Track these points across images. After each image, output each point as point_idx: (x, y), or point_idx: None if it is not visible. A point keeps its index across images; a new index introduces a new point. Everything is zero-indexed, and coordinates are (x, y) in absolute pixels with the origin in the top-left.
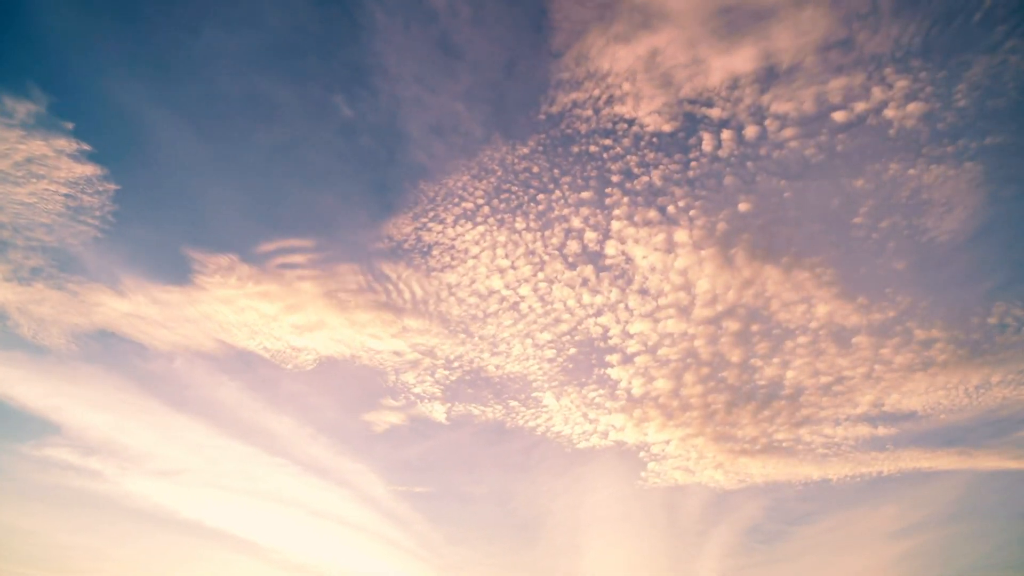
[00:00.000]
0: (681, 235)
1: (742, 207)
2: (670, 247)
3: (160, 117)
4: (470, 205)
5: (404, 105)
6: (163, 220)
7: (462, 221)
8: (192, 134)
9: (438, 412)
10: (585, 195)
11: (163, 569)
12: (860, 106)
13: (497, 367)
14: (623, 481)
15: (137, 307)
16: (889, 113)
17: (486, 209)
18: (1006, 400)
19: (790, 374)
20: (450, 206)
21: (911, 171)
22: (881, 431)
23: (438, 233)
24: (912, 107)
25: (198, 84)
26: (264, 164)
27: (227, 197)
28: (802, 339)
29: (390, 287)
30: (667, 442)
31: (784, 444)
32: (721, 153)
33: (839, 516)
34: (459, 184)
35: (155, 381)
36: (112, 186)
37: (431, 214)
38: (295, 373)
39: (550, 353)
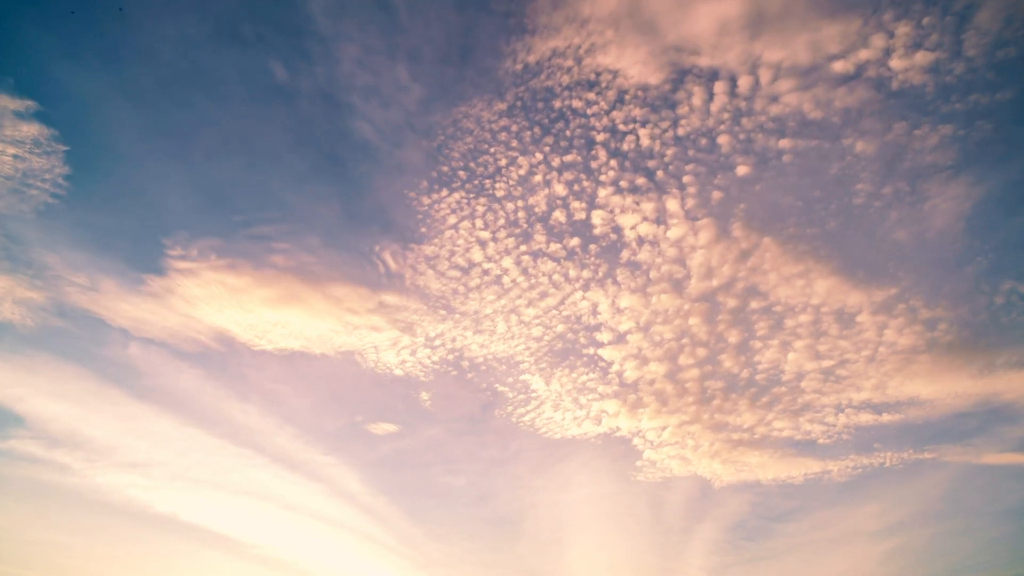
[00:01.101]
0: (673, 204)
1: (740, 171)
2: (661, 217)
3: (102, 83)
4: (446, 168)
5: (361, 64)
6: (118, 183)
7: (437, 187)
8: (136, 104)
9: (421, 397)
10: (568, 158)
11: (141, 565)
12: (860, 55)
13: (481, 346)
14: (614, 474)
15: (94, 280)
16: (893, 64)
17: (463, 173)
18: (1010, 384)
19: (791, 356)
20: (424, 169)
21: (916, 132)
22: (885, 418)
23: (412, 200)
24: (919, 57)
25: (138, 52)
26: (217, 134)
27: (178, 168)
28: (803, 318)
29: (363, 260)
30: (663, 428)
31: (784, 433)
32: (713, 108)
33: (828, 513)
34: (433, 145)
35: (117, 367)
36: (62, 147)
37: (403, 180)
38: (267, 356)
39: (537, 331)
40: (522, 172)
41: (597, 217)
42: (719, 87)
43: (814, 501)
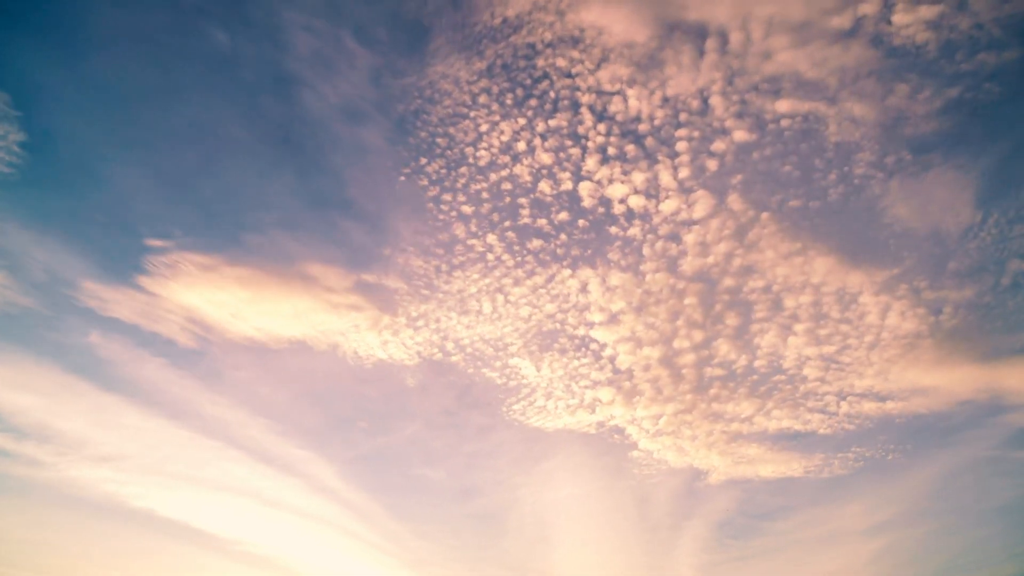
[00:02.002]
0: (665, 175)
1: (735, 137)
2: (653, 189)
3: (51, 48)
4: (424, 134)
5: (318, 27)
6: (78, 152)
7: (415, 155)
8: (87, 75)
9: (404, 385)
10: (553, 122)
11: (121, 562)
12: (859, 10)
13: (467, 327)
14: (607, 467)
15: (56, 261)
16: (895, 19)
17: (441, 140)
18: (1012, 372)
19: (791, 340)
20: (400, 137)
21: (919, 95)
22: (887, 409)
23: (388, 170)
24: (922, 11)
25: (84, 21)
26: (177, 112)
27: (141, 141)
28: (803, 299)
29: (339, 237)
30: (658, 417)
31: (783, 423)
32: (703, 66)
33: (821, 509)
34: (410, 110)
35: (83, 355)
36: (16, 112)
37: (378, 149)
38: (241, 341)
39: (525, 311)
40: (504, 138)
41: (584, 189)
42: (710, 44)
43: (808, 497)
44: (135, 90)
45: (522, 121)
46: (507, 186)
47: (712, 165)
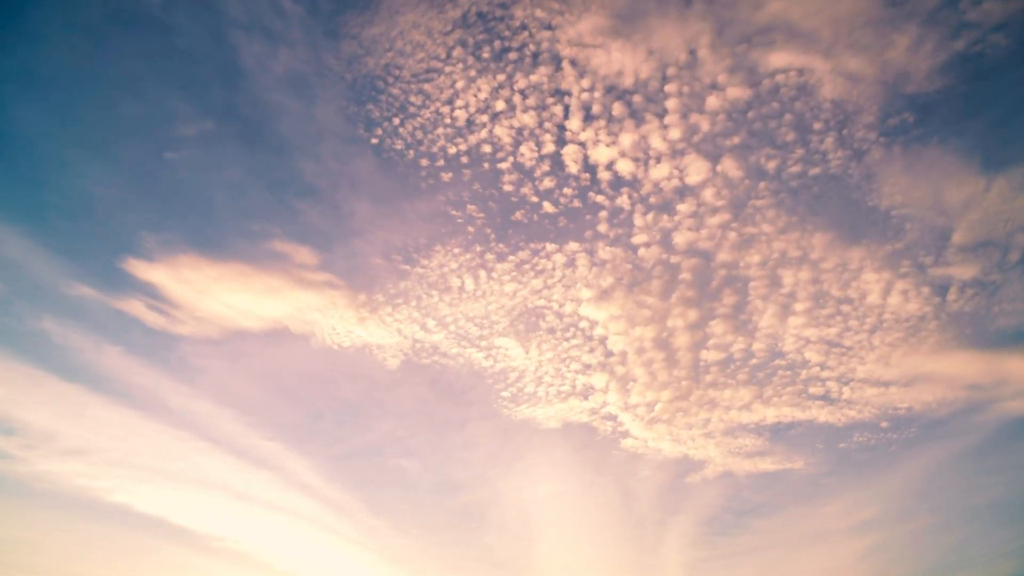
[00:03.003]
0: (655, 138)
1: (728, 93)
2: (642, 151)
3: None
4: (396, 91)
5: None
6: (27, 132)
7: (387, 115)
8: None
9: (384, 370)
10: (534, 78)
11: (101, 559)
12: None
13: (450, 304)
14: (595, 459)
15: (5, 236)
16: None
17: (416, 99)
18: (1012, 357)
19: (792, 320)
20: (371, 92)
21: (922, 48)
22: (887, 400)
23: (360, 134)
24: None
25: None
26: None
27: (96, 114)
28: (802, 275)
29: (308, 209)
30: (653, 404)
31: (781, 411)
32: (690, 15)
33: (816, 504)
34: (380, 64)
35: (40, 342)
36: None
37: (346, 110)
38: (211, 323)
39: (510, 287)
40: (482, 96)
41: (568, 154)
42: None
43: (801, 493)
44: (79, 67)
45: (501, 77)
46: (486, 149)
47: (704, 125)
